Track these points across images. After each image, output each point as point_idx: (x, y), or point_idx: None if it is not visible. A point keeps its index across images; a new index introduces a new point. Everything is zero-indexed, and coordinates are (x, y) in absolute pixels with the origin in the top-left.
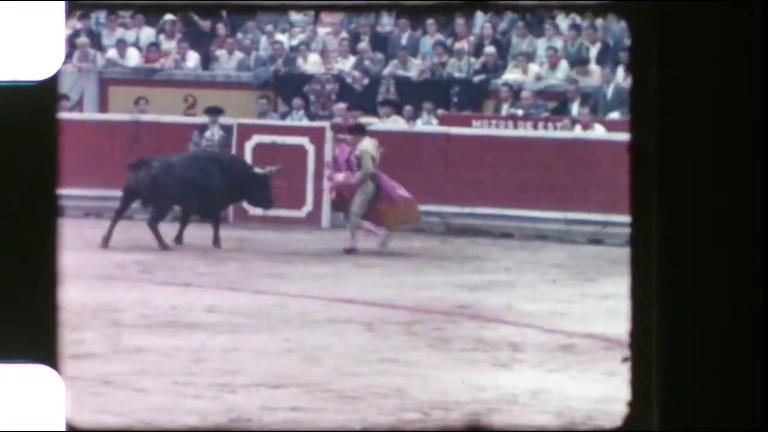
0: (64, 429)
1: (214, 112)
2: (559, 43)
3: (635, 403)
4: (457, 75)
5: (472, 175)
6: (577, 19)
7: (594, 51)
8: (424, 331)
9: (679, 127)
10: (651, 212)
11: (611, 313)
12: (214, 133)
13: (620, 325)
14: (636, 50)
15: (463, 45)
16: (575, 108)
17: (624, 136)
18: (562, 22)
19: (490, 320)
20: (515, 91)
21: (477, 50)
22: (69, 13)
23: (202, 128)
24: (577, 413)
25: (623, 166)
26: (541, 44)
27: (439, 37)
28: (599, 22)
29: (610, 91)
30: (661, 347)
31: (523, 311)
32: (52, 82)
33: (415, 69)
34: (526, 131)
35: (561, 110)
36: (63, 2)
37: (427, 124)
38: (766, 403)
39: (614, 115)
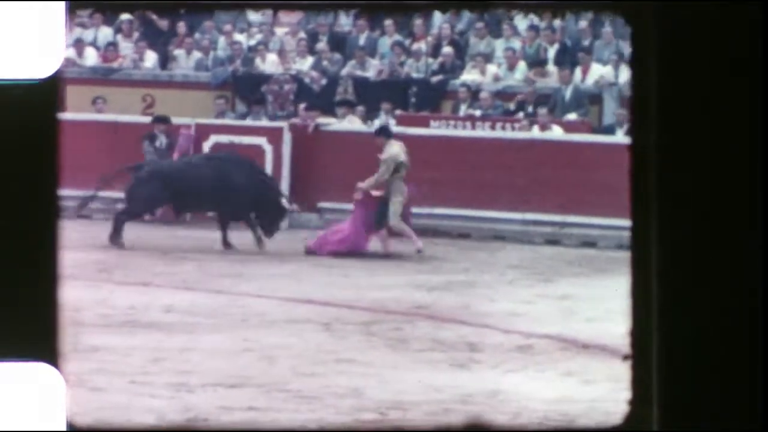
0: (65, 427)
1: (163, 120)
2: (517, 44)
3: (635, 402)
4: (415, 75)
5: (430, 176)
6: (535, 20)
7: (552, 52)
8: (381, 332)
9: (680, 127)
10: (651, 212)
11: (568, 313)
12: (162, 142)
13: (577, 326)
14: (636, 50)
15: (421, 45)
16: (535, 109)
17: (581, 137)
18: (521, 23)
19: (447, 321)
20: (473, 92)
21: (435, 51)
22: (69, 12)
23: (152, 137)
24: (534, 414)
25: (580, 166)
26: (499, 45)
27: (397, 37)
28: (557, 22)
29: (568, 93)
30: (661, 347)
31: (481, 312)
32: (53, 81)
33: (373, 69)
34: (483, 132)
35: (520, 111)
36: (63, 1)
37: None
38: (766, 403)
39: (572, 116)
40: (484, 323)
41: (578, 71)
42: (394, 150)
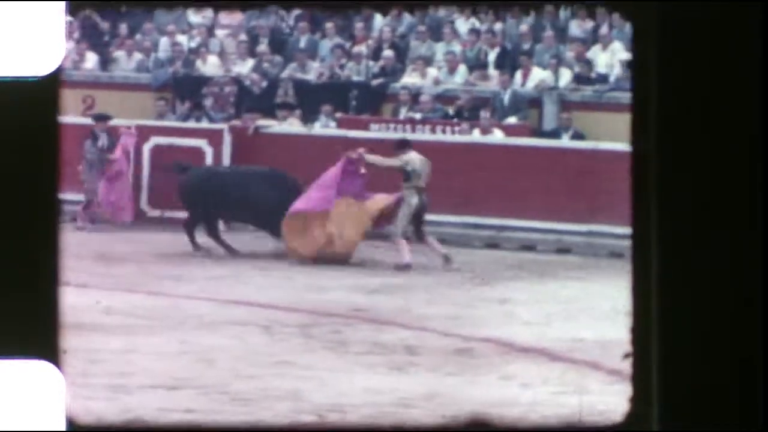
0: (65, 425)
1: (103, 118)
2: (457, 47)
3: (635, 402)
4: (355, 78)
5: (370, 179)
6: (477, 24)
7: (493, 55)
8: (320, 334)
9: (680, 127)
10: (651, 212)
11: (508, 317)
12: (104, 142)
13: (516, 329)
14: (636, 51)
15: (361, 48)
16: (474, 113)
17: (522, 141)
18: (462, 26)
19: (386, 324)
20: (413, 95)
21: (376, 54)
22: (70, 11)
23: (94, 137)
24: (473, 418)
25: (520, 170)
26: (439, 48)
27: (338, 40)
28: (498, 26)
29: (506, 96)
30: (661, 347)
31: (420, 315)
32: (53, 79)
33: (313, 72)
34: (424, 135)
35: (459, 115)
36: (63, 1)
37: (325, 128)
38: (766, 403)
39: (512, 120)
40: (423, 326)
41: (519, 75)
42: (409, 156)
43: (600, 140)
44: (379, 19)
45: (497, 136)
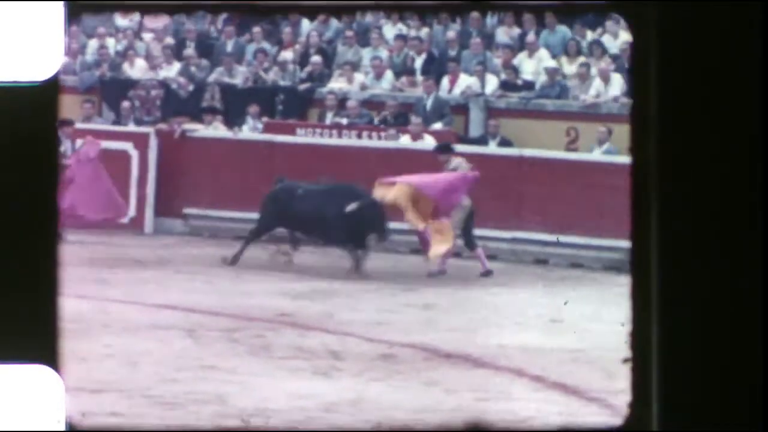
0: (64, 429)
1: (67, 123)
2: (384, 52)
3: (635, 403)
4: (282, 83)
5: None
6: (403, 29)
7: (419, 61)
8: (245, 339)
9: (680, 127)
10: (651, 213)
11: (432, 322)
12: (66, 147)
13: (440, 335)
14: (636, 51)
15: (289, 53)
16: (397, 118)
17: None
18: (389, 32)
19: (310, 328)
20: (340, 100)
21: (303, 59)
22: (69, 14)
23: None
24: (396, 423)
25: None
26: (366, 53)
27: (265, 44)
28: (425, 31)
29: (429, 102)
30: (661, 347)
31: (344, 320)
32: (52, 83)
33: (240, 76)
34: (350, 140)
35: (384, 120)
36: (63, 2)
37: (251, 132)
38: (766, 404)
39: (438, 126)
40: (347, 331)
41: (446, 81)
42: (457, 161)
43: (526, 147)
44: (306, 24)
45: (427, 142)
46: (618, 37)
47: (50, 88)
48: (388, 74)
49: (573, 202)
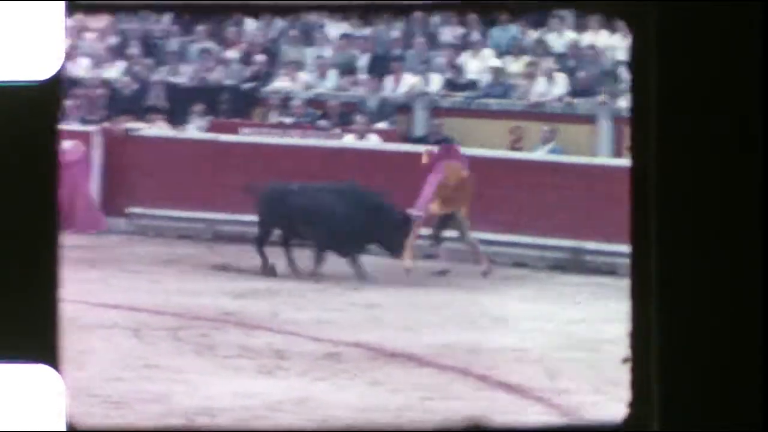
0: (64, 429)
1: None
2: (328, 52)
3: (635, 403)
4: (226, 82)
5: (240, 182)
6: (348, 29)
7: (364, 60)
8: (189, 338)
9: (680, 127)
10: (651, 213)
11: (377, 321)
12: None
13: (385, 334)
14: (636, 51)
15: (233, 52)
16: (342, 117)
17: (395, 146)
18: (333, 31)
19: (255, 328)
20: (284, 99)
21: (247, 58)
22: (69, 13)
23: None
24: (341, 422)
25: (391, 175)
26: (310, 53)
27: (209, 44)
28: (369, 31)
29: (374, 102)
30: (661, 347)
31: (289, 319)
32: (52, 83)
33: (185, 75)
34: (294, 139)
35: (327, 119)
36: (63, 2)
37: (195, 131)
38: (766, 403)
39: (381, 125)
40: (292, 331)
41: (390, 80)
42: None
43: (470, 146)
44: (250, 24)
45: (372, 141)
46: (563, 36)
47: (50, 88)
48: (332, 73)
49: (517, 202)
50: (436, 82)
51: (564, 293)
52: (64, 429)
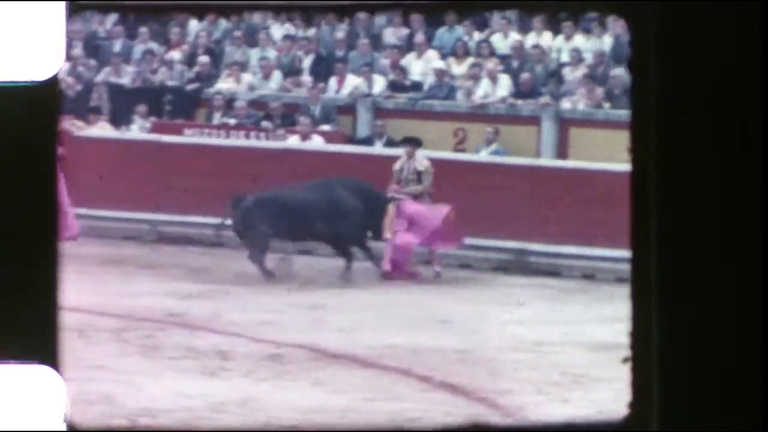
0: (64, 429)
1: None
2: (272, 53)
3: (635, 403)
4: (170, 83)
5: (184, 184)
6: (291, 30)
7: (307, 62)
8: (134, 339)
9: (680, 127)
10: (651, 212)
11: (320, 323)
12: None
13: (328, 336)
14: (636, 51)
15: (176, 53)
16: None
17: (337, 147)
18: (277, 32)
19: (199, 329)
20: (228, 100)
21: (191, 59)
22: (69, 13)
23: None
24: (284, 423)
25: (336, 175)
26: (254, 54)
27: (153, 44)
28: (312, 32)
29: (318, 103)
30: (661, 347)
31: (233, 320)
32: (53, 83)
33: (128, 76)
34: (238, 141)
35: (270, 120)
36: (63, 2)
37: (139, 132)
38: (766, 403)
39: (325, 127)
40: (235, 332)
41: (333, 81)
42: (426, 161)
43: None
44: (194, 24)
45: (316, 143)
46: (508, 37)
47: (50, 88)
48: (276, 75)
49: (461, 203)
50: (379, 83)
51: (508, 294)
52: (64, 429)
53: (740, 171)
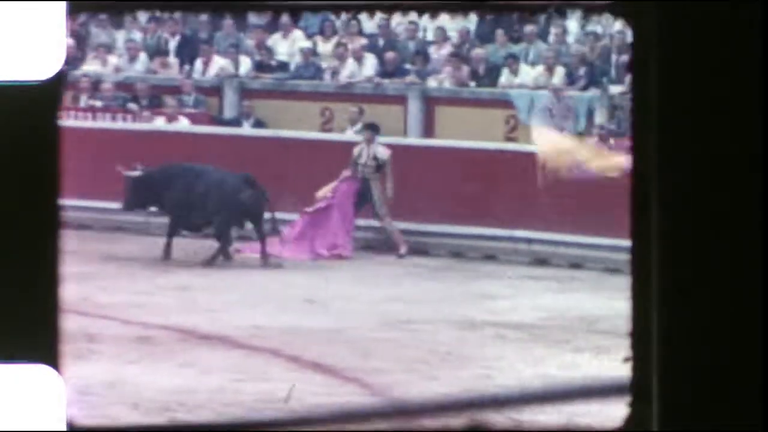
0: (64, 429)
1: None
2: (138, 35)
3: (635, 403)
4: None
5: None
6: (157, 13)
7: (173, 43)
8: None
9: (680, 128)
10: (650, 211)
11: (188, 304)
12: None
13: (196, 317)
14: (636, 50)
15: None
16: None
17: (204, 129)
18: (142, 14)
19: (66, 311)
20: (94, 83)
21: None
22: (70, 13)
23: None
24: (152, 405)
25: (204, 159)
26: (120, 36)
27: None
28: (177, 14)
29: (189, 84)
30: (661, 347)
31: (100, 303)
32: (53, 83)
33: None
34: (104, 123)
35: (137, 102)
36: (64, 2)
37: None
38: (766, 404)
39: (191, 108)
40: (103, 314)
41: (199, 63)
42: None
43: (281, 128)
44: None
45: (183, 124)
46: (374, 17)
47: (50, 88)
48: (143, 56)
49: (329, 183)
50: (245, 64)
51: (378, 274)
52: (64, 429)
53: (740, 171)
